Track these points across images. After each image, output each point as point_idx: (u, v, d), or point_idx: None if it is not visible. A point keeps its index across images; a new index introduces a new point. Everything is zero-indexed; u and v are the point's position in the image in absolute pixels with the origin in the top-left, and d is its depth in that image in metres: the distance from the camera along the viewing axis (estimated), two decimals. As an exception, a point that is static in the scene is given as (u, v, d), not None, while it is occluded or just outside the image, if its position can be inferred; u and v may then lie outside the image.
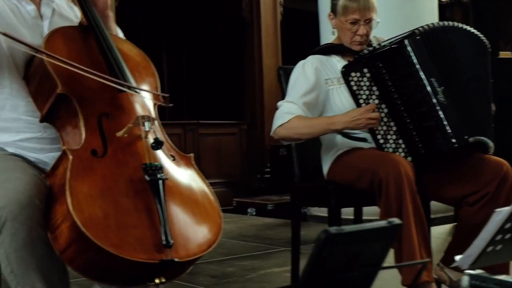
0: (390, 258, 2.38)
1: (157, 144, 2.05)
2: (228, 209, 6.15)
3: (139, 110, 2.14)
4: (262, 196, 6.62)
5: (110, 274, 1.87)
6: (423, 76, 2.75)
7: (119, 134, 2.03)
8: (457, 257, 1.94)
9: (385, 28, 4.98)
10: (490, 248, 1.91)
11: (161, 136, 2.13)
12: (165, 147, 2.11)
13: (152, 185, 1.92)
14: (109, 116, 2.07)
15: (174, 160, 2.12)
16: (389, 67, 2.77)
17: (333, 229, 1.34)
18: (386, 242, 1.44)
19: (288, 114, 2.84)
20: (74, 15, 2.34)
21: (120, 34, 2.41)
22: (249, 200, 6.34)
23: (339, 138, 2.94)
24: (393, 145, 2.82)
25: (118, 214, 1.86)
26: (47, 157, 2.15)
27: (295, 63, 3.05)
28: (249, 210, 6.13)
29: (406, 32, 2.92)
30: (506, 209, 1.87)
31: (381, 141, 2.83)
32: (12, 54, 2.13)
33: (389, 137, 2.82)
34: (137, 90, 2.15)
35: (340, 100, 2.91)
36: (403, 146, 2.81)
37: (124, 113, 2.11)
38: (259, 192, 7.05)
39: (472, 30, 2.93)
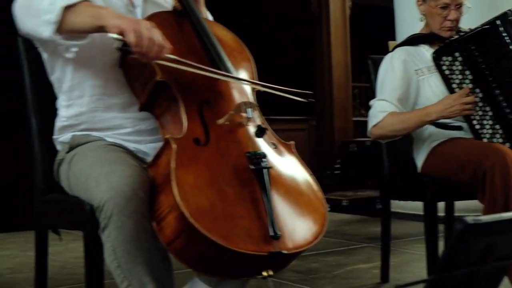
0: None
1: (261, 132, 1.97)
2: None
3: (239, 97, 2.07)
4: (336, 192, 6.51)
5: (217, 266, 1.79)
6: None
7: (221, 121, 1.95)
8: None
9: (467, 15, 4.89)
10: None
11: (263, 123, 2.05)
12: (267, 135, 2.02)
13: (257, 174, 1.84)
14: (209, 104, 2.00)
15: (275, 148, 2.04)
16: (482, 49, 2.68)
17: (470, 219, 1.25)
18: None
19: (381, 112, 2.79)
20: (164, 0, 2.27)
21: (210, 18, 2.34)
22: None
23: (432, 128, 2.85)
24: (490, 131, 2.72)
25: (224, 204, 1.78)
26: (146, 147, 2.10)
27: (364, 58, 2.99)
28: (323, 205, 6.03)
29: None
30: None
31: (477, 126, 2.73)
32: (104, 50, 2.05)
33: (485, 122, 2.72)
34: (239, 79, 2.07)
35: (432, 90, 2.83)
36: (500, 131, 2.71)
37: (224, 100, 2.03)
38: (329, 188, 6.96)
39: None
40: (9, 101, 6.25)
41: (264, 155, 1.89)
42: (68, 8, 1.87)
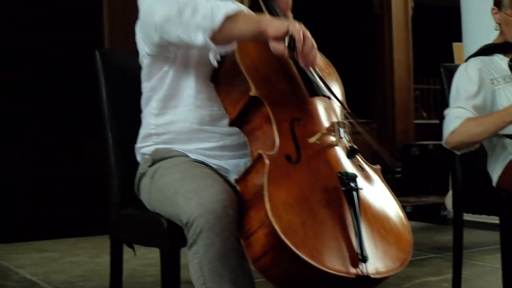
0: None
1: (352, 153, 1.96)
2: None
3: (329, 116, 2.06)
4: (399, 197, 6.42)
5: (303, 285, 1.78)
6: None
7: (312, 140, 1.94)
8: None
9: None
10: None
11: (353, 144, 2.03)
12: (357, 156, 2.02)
13: (347, 195, 1.83)
14: (300, 121, 1.99)
15: (363, 170, 2.03)
16: None
17: None
18: None
19: (458, 118, 2.70)
20: None
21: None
22: (386, 202, 6.17)
23: (508, 141, 2.77)
24: None
25: (315, 223, 1.78)
26: (227, 164, 2.11)
27: (426, 59, 2.91)
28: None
29: None
30: None
31: None
32: (202, 61, 2.08)
33: None
34: (331, 96, 2.06)
35: (508, 99, 2.76)
36: None
37: (314, 118, 2.02)
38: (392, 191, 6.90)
39: None
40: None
41: (355, 177, 1.88)
42: (228, 16, 1.89)
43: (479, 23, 5.32)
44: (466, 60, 2.89)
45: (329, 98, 2.07)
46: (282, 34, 1.84)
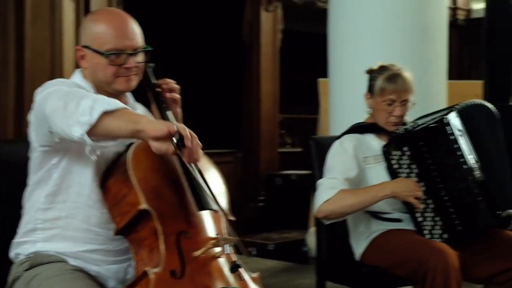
0: None
1: (236, 268, 2.06)
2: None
3: (215, 227, 2.15)
4: (262, 234, 6.61)
5: None
6: (463, 154, 2.79)
7: (197, 253, 2.02)
8: None
9: (393, 37, 5.00)
10: None
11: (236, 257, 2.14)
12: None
13: None
14: (187, 234, 2.06)
15: (242, 280, 2.13)
16: (430, 145, 2.81)
17: None
18: None
19: (332, 189, 2.82)
20: None
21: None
22: (249, 239, 6.33)
23: (373, 220, 2.96)
24: (431, 223, 2.86)
25: None
26: (108, 270, 2.14)
27: (293, 90, 3.02)
28: (249, 249, 6.11)
29: (442, 110, 2.97)
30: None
31: (420, 219, 2.86)
32: (99, 161, 2.12)
33: (426, 214, 2.86)
34: (220, 209, 2.14)
35: (377, 179, 2.93)
36: (440, 223, 2.85)
37: (200, 230, 2.11)
38: (253, 222, 7.05)
39: (486, 103, 3.00)
40: None
41: None
42: (107, 112, 1.90)
43: (344, 61, 5.46)
44: (340, 137, 3.04)
45: (216, 211, 2.15)
46: (163, 134, 1.87)
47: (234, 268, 2.06)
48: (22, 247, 2.16)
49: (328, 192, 2.81)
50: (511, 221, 2.96)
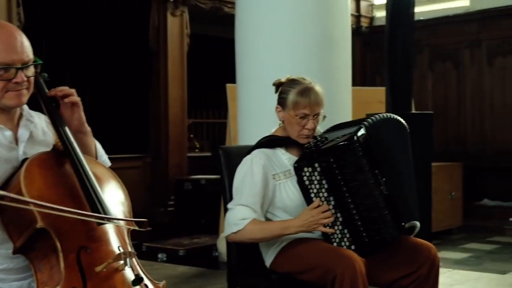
0: None
1: (138, 281, 2.06)
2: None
3: (116, 239, 2.14)
4: (172, 240, 6.58)
5: None
6: (370, 171, 2.88)
7: (98, 269, 2.01)
8: None
9: (298, 45, 5.05)
10: None
11: (139, 269, 2.13)
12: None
13: None
14: (87, 250, 2.05)
15: None
16: (340, 162, 2.86)
17: None
18: None
19: (243, 220, 2.89)
20: (51, 136, 2.30)
21: (99, 147, 2.41)
22: (159, 245, 6.28)
23: None
24: (340, 235, 2.93)
25: None
26: (10, 286, 2.11)
27: (200, 95, 3.01)
28: (159, 255, 6.08)
29: (351, 122, 3.07)
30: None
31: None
32: None
33: (335, 228, 2.93)
34: (117, 221, 2.15)
35: (287, 195, 2.98)
36: (347, 235, 2.92)
37: (101, 244, 2.09)
38: (164, 228, 7.02)
39: (397, 117, 3.09)
40: None
41: None
42: None
43: (252, 66, 5.47)
44: (250, 152, 3.07)
45: (115, 223, 2.15)
46: None
47: (136, 281, 2.06)
48: None
49: (238, 224, 2.90)
50: (414, 230, 3.08)
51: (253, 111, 5.04)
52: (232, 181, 3.17)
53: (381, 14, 10.20)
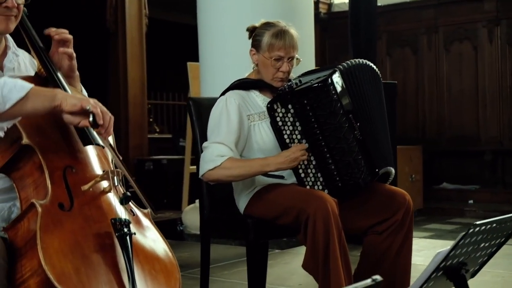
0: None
1: (126, 199, 2.03)
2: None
3: (101, 163, 2.12)
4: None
5: None
6: (344, 114, 2.85)
7: (85, 187, 1.99)
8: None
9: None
10: (425, 285, 2.05)
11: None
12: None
13: (121, 241, 1.90)
14: (73, 169, 2.02)
15: (134, 215, 2.11)
16: (314, 104, 2.84)
17: None
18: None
19: (220, 156, 2.85)
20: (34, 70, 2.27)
21: (85, 93, 2.39)
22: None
23: (255, 177, 2.97)
24: (313, 179, 2.91)
25: (88, 270, 1.83)
26: None
27: (159, 75, 3.00)
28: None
29: (325, 67, 3.02)
30: (444, 250, 2.01)
31: (302, 175, 2.91)
32: None
33: (309, 171, 2.90)
34: (104, 145, 2.11)
35: (261, 136, 2.95)
36: (321, 179, 2.90)
37: (87, 166, 2.07)
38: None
39: (370, 63, 3.07)
40: None
41: (128, 222, 1.96)
42: (21, 99, 1.87)
43: (215, 44, 5.56)
44: (224, 93, 3.02)
45: (101, 146, 2.10)
46: (77, 110, 1.89)
47: (124, 199, 2.03)
48: None
49: (215, 160, 2.84)
50: (390, 177, 3.06)
51: (217, 86, 4.96)
52: (203, 132, 3.13)
53: (339, 0, 10.24)
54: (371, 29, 5.55)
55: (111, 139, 2.20)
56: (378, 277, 1.45)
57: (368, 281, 1.44)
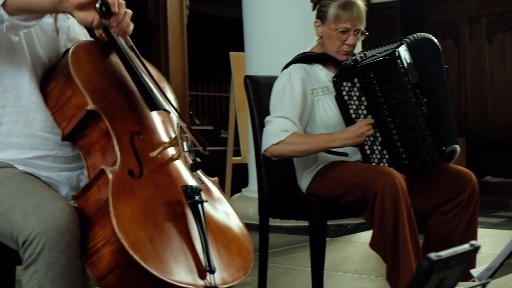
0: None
1: (197, 166, 1.94)
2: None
3: (168, 129, 2.04)
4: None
5: None
6: (411, 89, 2.76)
7: (154, 154, 1.91)
8: (473, 271, 1.96)
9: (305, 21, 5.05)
10: (507, 261, 1.96)
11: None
12: None
13: (193, 208, 1.83)
14: (140, 135, 1.94)
15: (203, 183, 2.03)
16: (380, 78, 2.76)
17: (433, 256, 1.31)
18: (466, 264, 1.42)
19: (284, 131, 2.77)
20: (84, 34, 2.18)
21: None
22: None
23: (319, 154, 2.89)
24: (378, 156, 2.83)
25: (162, 238, 1.75)
26: (59, 176, 1.98)
27: (201, 66, 2.94)
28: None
29: (390, 41, 2.93)
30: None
31: (368, 151, 2.83)
32: (34, 63, 1.95)
33: (374, 147, 2.83)
34: (171, 110, 2.02)
35: (325, 111, 2.87)
36: (387, 156, 2.82)
37: (154, 132, 1.99)
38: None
39: (433, 37, 2.97)
40: None
41: (200, 190, 1.88)
42: None
43: (260, 33, 5.54)
44: (287, 66, 2.94)
45: (167, 111, 2.02)
46: (87, 0, 1.70)
47: (194, 166, 1.94)
48: None
49: (280, 135, 2.77)
50: (454, 156, 2.97)
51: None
52: (261, 111, 3.08)
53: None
54: (422, 19, 5.45)
55: (174, 103, 2.11)
56: (475, 242, 1.38)
57: (466, 246, 1.37)
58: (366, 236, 4.93)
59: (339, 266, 4.04)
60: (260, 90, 3.15)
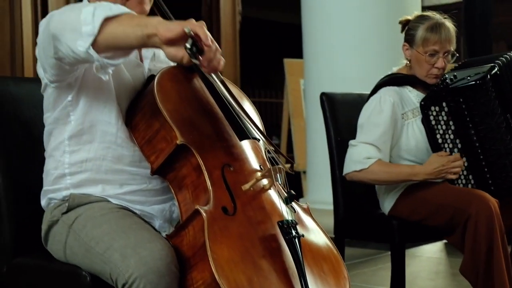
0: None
1: (291, 198, 1.84)
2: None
3: (256, 157, 1.93)
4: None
5: None
6: (502, 114, 2.65)
7: (246, 187, 1.79)
8: None
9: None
10: None
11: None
12: None
13: (290, 244, 1.72)
14: (231, 167, 1.84)
15: (296, 212, 1.91)
16: (470, 103, 2.65)
17: None
18: None
19: (367, 159, 2.70)
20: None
21: None
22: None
23: None
24: (464, 181, 2.74)
25: (260, 278, 1.66)
26: (152, 209, 1.91)
27: (253, 74, 2.85)
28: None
29: (481, 59, 2.82)
30: None
31: (453, 176, 2.71)
32: (119, 95, 1.88)
33: (460, 172, 2.71)
34: (261, 137, 1.92)
35: (414, 134, 2.79)
36: (472, 182, 2.73)
37: (244, 162, 1.88)
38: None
39: None
40: None
41: (296, 223, 1.77)
42: (110, 18, 1.64)
43: (320, 41, 5.46)
44: (376, 89, 2.85)
45: (257, 139, 1.93)
46: (178, 36, 1.58)
47: (289, 198, 1.84)
48: (54, 194, 1.92)
49: (364, 162, 2.71)
50: None
51: (323, 86, 4.82)
52: (337, 128, 3.02)
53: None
54: (486, 19, 5.33)
55: (259, 124, 1.99)
56: None
57: None
58: (428, 250, 4.81)
59: (408, 284, 3.92)
60: (336, 107, 3.08)
